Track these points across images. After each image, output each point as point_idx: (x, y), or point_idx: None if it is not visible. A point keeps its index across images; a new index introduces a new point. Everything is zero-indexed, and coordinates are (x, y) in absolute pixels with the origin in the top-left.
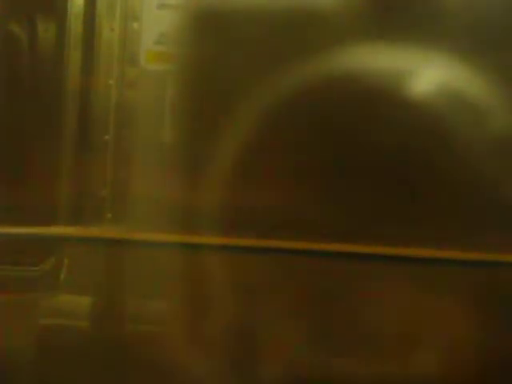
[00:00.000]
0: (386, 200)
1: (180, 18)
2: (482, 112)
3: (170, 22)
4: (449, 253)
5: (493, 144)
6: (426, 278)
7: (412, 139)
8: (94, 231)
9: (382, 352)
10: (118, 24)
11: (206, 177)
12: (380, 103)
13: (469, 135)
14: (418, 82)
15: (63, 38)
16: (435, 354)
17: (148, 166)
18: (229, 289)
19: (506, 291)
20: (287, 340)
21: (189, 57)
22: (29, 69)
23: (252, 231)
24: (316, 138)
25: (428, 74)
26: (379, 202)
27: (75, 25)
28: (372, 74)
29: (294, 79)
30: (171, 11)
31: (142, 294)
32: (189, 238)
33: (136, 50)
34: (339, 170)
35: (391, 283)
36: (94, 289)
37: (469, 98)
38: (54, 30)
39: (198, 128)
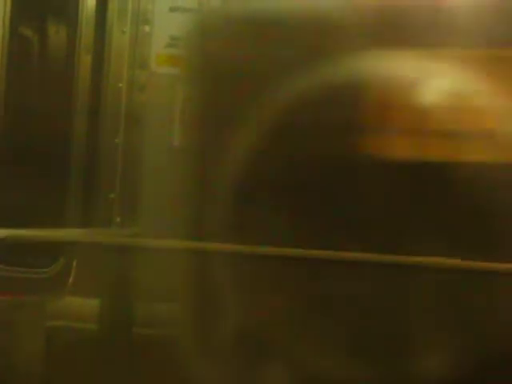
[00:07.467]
0: None
1: (192, 21)
2: None
3: (182, 25)
4: None
5: None
6: None
7: None
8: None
9: None
10: (129, 27)
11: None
12: None
13: None
14: None
15: (74, 40)
16: None
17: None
18: None
19: None
20: None
21: (200, 60)
22: (39, 72)
23: None
24: None
25: None
26: None
27: (86, 28)
28: None
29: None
30: (184, 14)
31: None
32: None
33: (147, 53)
34: None
35: None
36: None
37: None
38: (65, 32)
39: (207, 132)
